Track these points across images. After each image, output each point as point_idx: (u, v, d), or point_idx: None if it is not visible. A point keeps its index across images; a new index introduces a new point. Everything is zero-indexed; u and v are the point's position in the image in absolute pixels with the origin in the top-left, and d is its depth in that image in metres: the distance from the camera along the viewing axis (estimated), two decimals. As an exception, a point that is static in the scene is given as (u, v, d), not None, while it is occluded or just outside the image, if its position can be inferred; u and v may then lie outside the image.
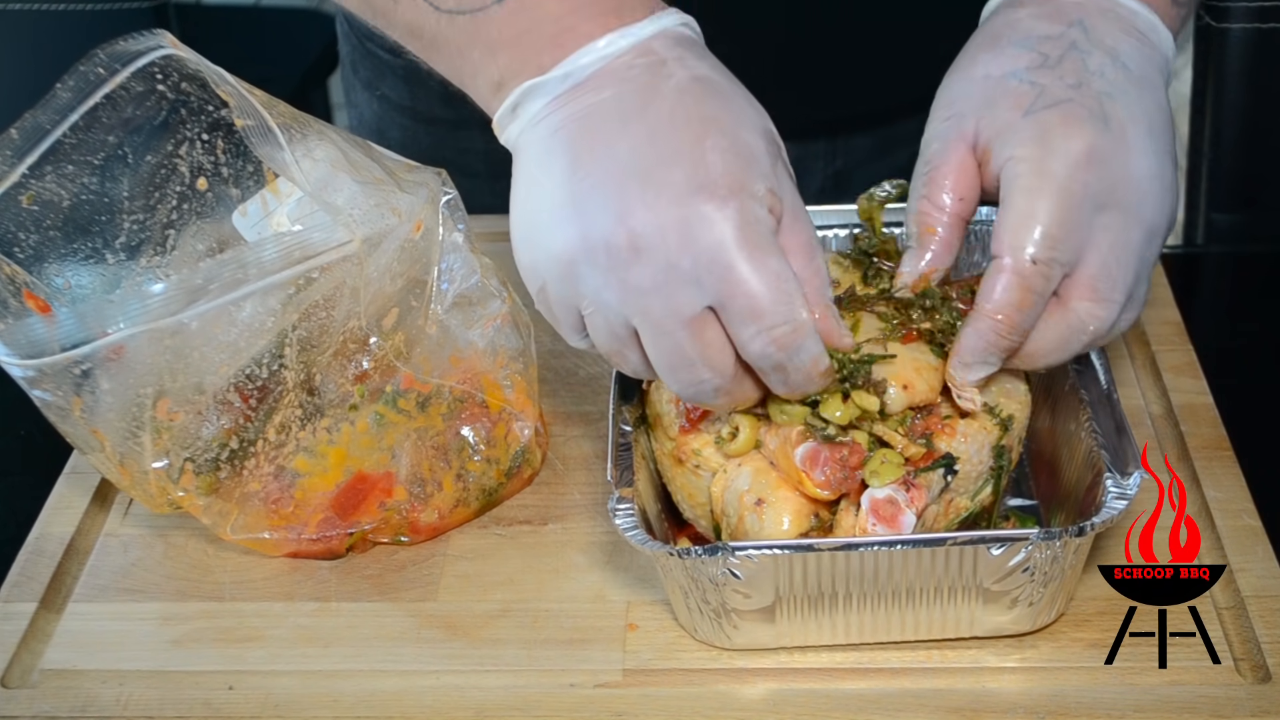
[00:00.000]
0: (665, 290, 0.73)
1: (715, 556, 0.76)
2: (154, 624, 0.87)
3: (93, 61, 0.81)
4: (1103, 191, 0.77)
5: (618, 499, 0.80)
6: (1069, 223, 0.76)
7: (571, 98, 0.75)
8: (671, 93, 0.74)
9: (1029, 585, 0.79)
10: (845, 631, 0.81)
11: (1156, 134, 0.79)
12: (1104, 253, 0.77)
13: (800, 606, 0.80)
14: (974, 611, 0.80)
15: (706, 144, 0.73)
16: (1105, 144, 0.77)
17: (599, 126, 0.74)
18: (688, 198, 0.72)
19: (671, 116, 0.74)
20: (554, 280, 0.76)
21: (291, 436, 0.87)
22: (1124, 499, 0.78)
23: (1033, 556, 0.77)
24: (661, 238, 0.72)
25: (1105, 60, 0.80)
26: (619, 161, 0.73)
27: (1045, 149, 0.77)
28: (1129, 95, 0.79)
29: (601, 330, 0.77)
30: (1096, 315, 0.78)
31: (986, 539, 0.76)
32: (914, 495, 0.78)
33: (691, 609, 0.81)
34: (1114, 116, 0.78)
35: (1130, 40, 0.81)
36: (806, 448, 0.79)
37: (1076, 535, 0.76)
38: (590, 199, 0.73)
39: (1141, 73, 0.81)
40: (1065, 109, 0.78)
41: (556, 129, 0.75)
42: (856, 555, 0.76)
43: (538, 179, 0.76)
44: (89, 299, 0.83)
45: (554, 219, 0.75)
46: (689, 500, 0.85)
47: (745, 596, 0.79)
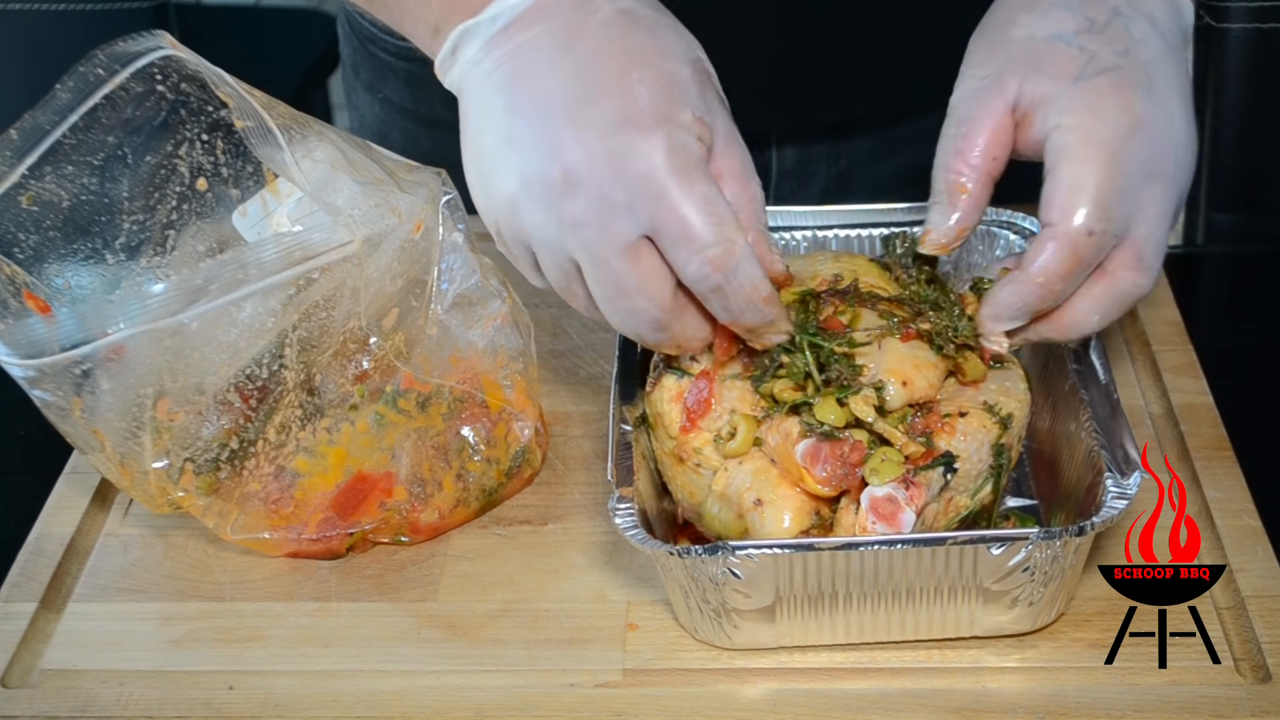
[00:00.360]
0: (599, 221, 0.75)
1: (715, 556, 0.76)
2: (154, 624, 0.87)
3: (92, 62, 0.81)
4: (1150, 161, 0.77)
5: (618, 498, 0.80)
6: (1121, 192, 0.77)
7: (504, 38, 0.77)
8: (597, 28, 0.76)
9: (1029, 585, 0.79)
10: (845, 631, 0.81)
11: (1188, 101, 0.80)
12: (1151, 222, 0.78)
13: (800, 606, 0.80)
14: (974, 611, 0.80)
15: (633, 76, 0.75)
16: (1152, 112, 0.78)
17: (528, 66, 0.76)
18: (616, 130, 0.74)
19: (597, 51, 0.75)
20: (503, 220, 0.78)
21: (291, 436, 0.87)
22: (1124, 499, 0.78)
23: (1033, 556, 0.77)
24: (592, 170, 0.74)
25: (1147, 28, 0.80)
26: (548, 98, 0.75)
27: (1097, 117, 0.77)
28: (1168, 63, 0.80)
29: (550, 266, 0.79)
30: (1140, 284, 0.79)
31: (986, 538, 0.76)
32: (914, 493, 0.78)
33: (691, 608, 0.81)
34: (1158, 85, 0.79)
35: (1165, 6, 0.82)
36: (807, 444, 0.79)
37: (1076, 535, 0.76)
38: (524, 137, 0.76)
39: (1174, 40, 0.82)
40: (1116, 76, 0.78)
41: (491, 71, 0.77)
42: (856, 555, 0.76)
43: (480, 121, 0.78)
44: (89, 299, 0.83)
45: (495, 160, 0.77)
46: (690, 499, 0.85)
47: (745, 596, 0.79)
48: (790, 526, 0.79)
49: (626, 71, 0.75)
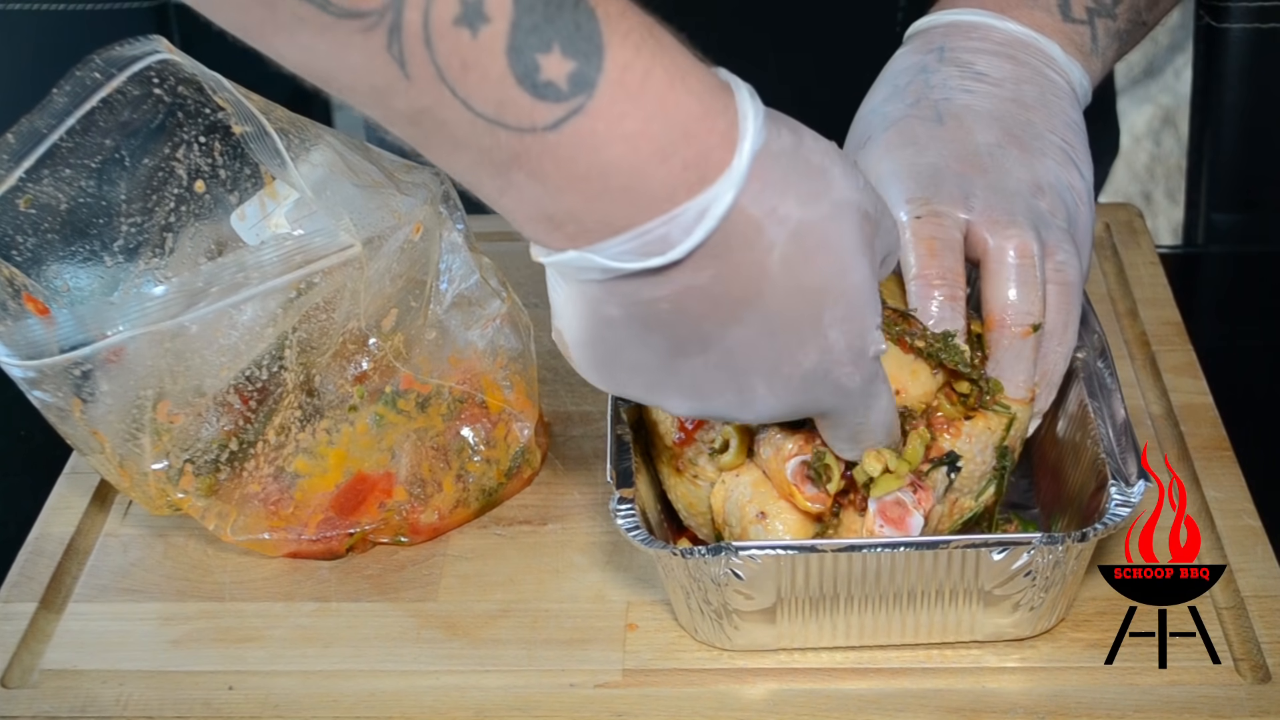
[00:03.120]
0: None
1: (718, 557, 0.76)
2: (154, 624, 0.87)
3: (88, 66, 0.81)
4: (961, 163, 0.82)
5: (618, 499, 0.80)
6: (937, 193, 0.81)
7: (663, 278, 0.64)
8: (779, 265, 0.65)
9: (1030, 589, 0.79)
10: (846, 634, 0.81)
11: (1010, 114, 0.83)
12: (986, 194, 0.81)
13: (801, 608, 0.79)
14: (975, 615, 0.80)
15: (822, 320, 0.68)
16: (940, 131, 0.82)
17: (704, 314, 0.66)
18: (816, 385, 0.70)
19: (784, 299, 0.66)
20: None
21: (291, 438, 0.87)
22: (1127, 506, 0.77)
23: (1035, 561, 0.77)
24: (789, 413, 0.73)
25: (952, 74, 0.85)
26: (736, 352, 0.67)
27: (892, 162, 0.83)
28: (975, 95, 0.84)
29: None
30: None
31: (989, 542, 0.76)
32: (921, 497, 0.78)
33: (692, 609, 0.81)
34: (950, 113, 0.83)
35: (995, 55, 0.86)
36: (799, 461, 0.78)
37: (1079, 540, 0.76)
38: (701, 385, 0.69)
39: (1004, 75, 0.85)
40: (897, 126, 0.84)
41: (644, 306, 0.65)
42: (859, 557, 0.76)
43: (620, 336, 0.67)
44: (88, 301, 0.83)
45: (649, 384, 0.70)
46: (689, 510, 0.85)
47: (747, 597, 0.79)
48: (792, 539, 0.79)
49: (818, 317, 0.67)
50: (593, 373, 0.71)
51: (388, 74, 0.60)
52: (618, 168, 0.61)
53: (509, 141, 0.61)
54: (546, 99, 0.59)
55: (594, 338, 0.68)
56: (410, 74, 0.59)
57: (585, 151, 0.61)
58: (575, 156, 0.61)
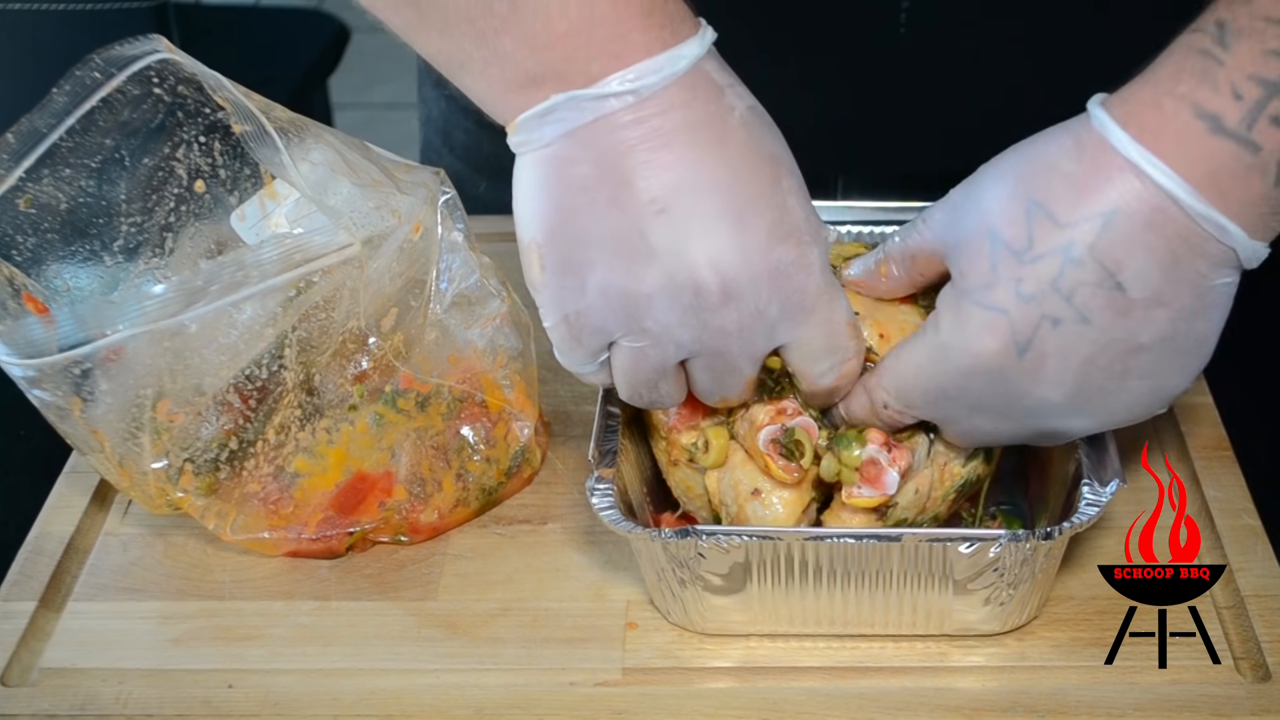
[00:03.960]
0: (748, 333, 0.73)
1: (686, 540, 0.77)
2: (154, 623, 0.87)
3: (88, 66, 0.81)
4: (984, 400, 0.75)
5: (596, 479, 0.80)
6: (935, 403, 0.77)
7: (634, 119, 0.69)
8: (739, 127, 0.71)
9: (999, 585, 0.79)
10: (816, 620, 0.82)
11: (1098, 368, 0.72)
12: (970, 432, 0.78)
13: (771, 592, 0.80)
14: (943, 608, 0.81)
15: (783, 185, 0.72)
16: (1009, 367, 0.73)
17: (675, 159, 0.70)
18: (778, 244, 0.71)
19: (746, 154, 0.71)
20: (602, 310, 0.73)
21: (291, 437, 0.87)
22: (1096, 505, 0.77)
23: (1003, 557, 0.77)
24: (754, 285, 0.72)
25: (1089, 277, 0.70)
26: (704, 200, 0.70)
27: (954, 335, 0.74)
28: (1088, 325, 0.71)
29: (648, 361, 0.75)
30: (953, 458, 0.82)
31: (954, 537, 0.76)
32: (896, 455, 0.79)
33: (664, 591, 0.82)
34: (1039, 347, 0.72)
35: (1155, 255, 0.69)
36: (770, 430, 0.79)
37: (1044, 539, 0.76)
38: (673, 236, 0.70)
39: (1146, 294, 0.70)
40: (991, 319, 0.72)
41: (619, 151, 0.69)
42: (826, 544, 0.77)
43: (590, 200, 0.70)
44: (88, 301, 0.83)
45: (621, 250, 0.71)
46: (686, 493, 0.86)
47: (716, 580, 0.79)
48: (790, 510, 0.80)
49: (777, 180, 0.72)
50: (556, 263, 0.72)
51: None
52: (603, 23, 0.68)
53: (502, 9, 0.67)
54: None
55: (564, 209, 0.71)
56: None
57: (576, 8, 0.67)
58: (565, 15, 0.67)
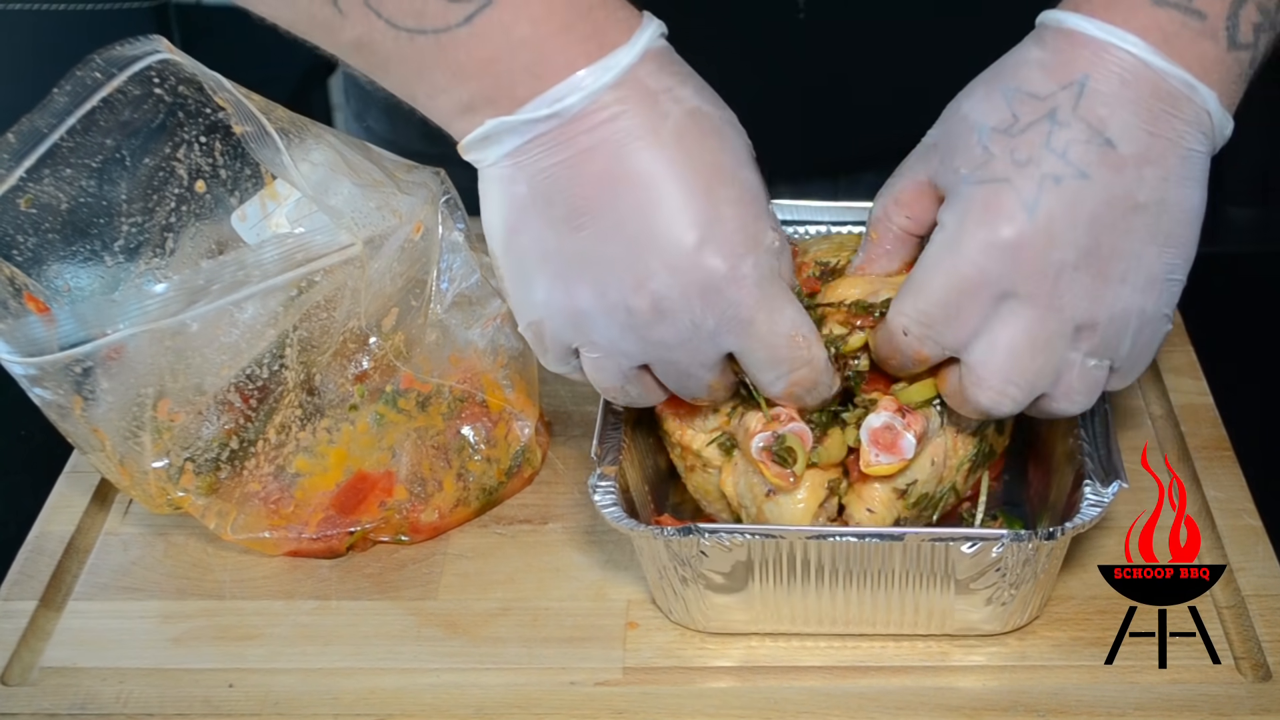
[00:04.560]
0: (690, 345, 0.74)
1: (689, 538, 0.77)
2: (154, 622, 0.87)
3: (89, 66, 0.81)
4: (1008, 280, 0.73)
5: (599, 476, 0.80)
6: (954, 305, 0.74)
7: (560, 139, 0.71)
8: (670, 136, 0.71)
9: (1000, 585, 0.79)
10: (818, 619, 0.82)
11: (1106, 224, 0.73)
12: (997, 344, 0.75)
13: (774, 590, 0.80)
14: (945, 608, 0.81)
15: (717, 194, 0.71)
16: (1023, 233, 0.72)
17: (599, 176, 0.71)
18: (706, 258, 0.71)
19: (674, 164, 0.71)
20: (554, 322, 0.75)
21: (291, 436, 0.87)
22: (1099, 506, 0.77)
23: (1004, 557, 0.77)
24: (685, 301, 0.72)
25: (1078, 135, 0.72)
26: (627, 218, 0.71)
27: (960, 227, 0.74)
28: (1088, 180, 0.72)
29: (607, 370, 0.77)
30: (982, 403, 0.77)
31: (956, 537, 0.76)
32: (910, 420, 0.79)
33: (666, 590, 0.82)
34: (1046, 205, 0.72)
35: (1136, 112, 0.72)
36: (763, 438, 0.79)
37: (1047, 539, 0.76)
38: (599, 258, 0.72)
39: (1135, 151, 0.72)
40: (994, 189, 0.73)
41: (546, 172, 0.71)
42: (828, 542, 0.77)
43: (528, 219, 0.73)
44: (90, 299, 0.83)
45: (556, 269, 0.73)
46: (705, 496, 0.86)
47: (718, 578, 0.79)
48: (807, 508, 0.80)
49: (710, 189, 0.71)
50: (511, 276, 0.75)
51: (325, 12, 0.72)
52: (524, 45, 0.70)
53: (428, 46, 0.70)
54: (459, 0, 0.69)
55: (510, 227, 0.74)
56: (342, 8, 0.71)
57: (495, 36, 0.70)
58: (485, 43, 0.70)
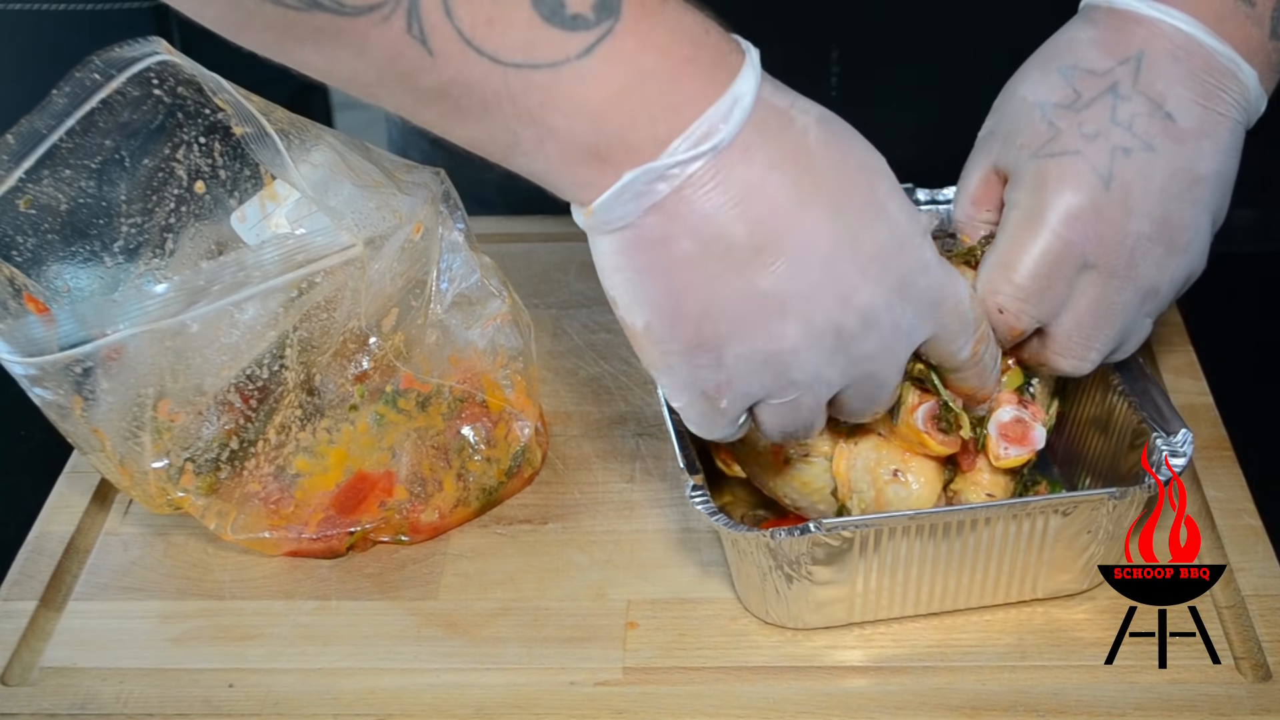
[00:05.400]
0: (891, 349, 0.72)
1: (805, 536, 0.77)
2: (154, 622, 0.87)
3: (88, 68, 0.82)
4: (1090, 250, 0.76)
5: (692, 487, 0.80)
6: (1046, 278, 0.76)
7: (717, 177, 0.65)
8: (818, 147, 0.68)
9: (1093, 544, 0.81)
10: (916, 601, 0.83)
11: (1174, 195, 0.76)
12: (1081, 312, 0.77)
13: (878, 578, 0.81)
14: (1039, 571, 0.82)
15: (880, 191, 0.70)
16: (1101, 203, 0.75)
17: (772, 204, 0.66)
18: (896, 256, 0.69)
19: (837, 174, 0.68)
20: (746, 377, 0.70)
21: (291, 437, 0.88)
22: (1182, 455, 0.80)
23: (1098, 516, 0.79)
24: (888, 304, 0.70)
25: (1141, 108, 0.76)
26: (815, 238, 0.67)
27: (1038, 199, 0.76)
28: (1154, 152, 0.76)
29: (799, 411, 0.73)
30: (1065, 369, 0.80)
31: (1062, 501, 0.78)
32: (1034, 410, 0.81)
33: (768, 592, 0.81)
34: (1120, 175, 0.75)
35: (1190, 86, 0.76)
36: (926, 408, 0.80)
37: (1147, 491, 0.79)
38: (800, 288, 0.68)
39: (1192, 125, 0.76)
40: (1067, 161, 0.76)
41: (713, 216, 0.66)
42: (941, 521, 0.78)
43: (705, 271, 0.67)
44: (90, 300, 0.83)
45: (751, 314, 0.68)
46: (803, 489, 0.85)
47: (825, 573, 0.79)
48: (930, 489, 0.81)
49: (872, 189, 0.69)
50: (687, 348, 0.69)
51: (411, 55, 0.62)
52: (654, 77, 0.63)
53: (543, 80, 0.63)
54: (577, 29, 0.62)
55: (676, 294, 0.68)
56: (434, 48, 0.62)
57: (621, 67, 0.63)
58: (611, 75, 0.63)
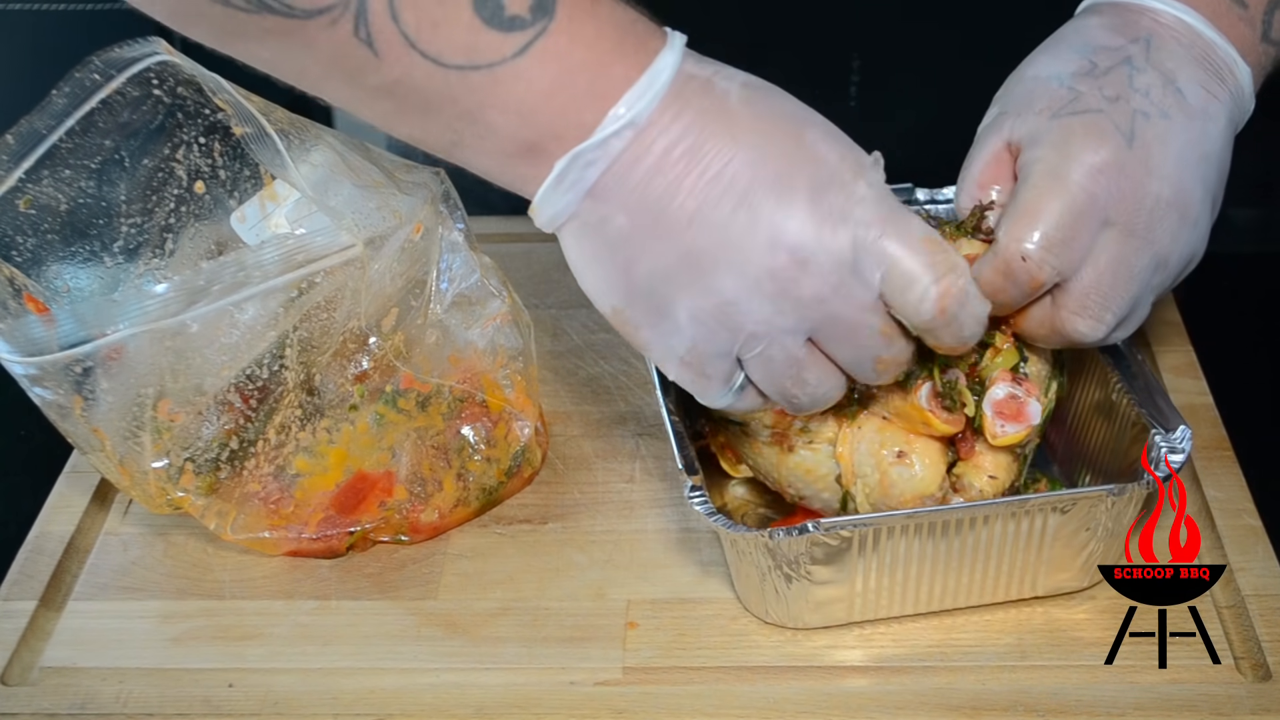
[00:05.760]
0: (842, 290, 0.71)
1: (802, 536, 0.77)
2: (154, 622, 0.87)
3: (88, 68, 0.82)
4: (1112, 206, 0.76)
5: (690, 487, 0.80)
6: (1070, 228, 0.76)
7: (641, 150, 0.69)
8: (740, 105, 0.70)
9: (1092, 541, 0.81)
10: (916, 600, 0.83)
11: (1188, 165, 0.78)
12: (1101, 269, 0.77)
13: (877, 577, 0.81)
14: (1039, 568, 0.82)
15: (806, 138, 0.71)
16: (1125, 159, 0.76)
17: (693, 165, 0.69)
18: (824, 194, 0.70)
19: (758, 127, 0.70)
20: (706, 336, 0.72)
21: (291, 437, 0.88)
22: (1180, 452, 0.80)
23: (1097, 513, 0.79)
24: (819, 241, 0.70)
25: (1155, 80, 0.78)
26: (738, 188, 0.69)
27: (1062, 153, 0.77)
28: (1170, 120, 0.77)
29: (777, 363, 0.73)
30: (1080, 330, 0.79)
31: (1061, 499, 0.78)
32: (1029, 387, 0.81)
33: (767, 592, 0.82)
34: (1142, 136, 0.77)
35: (1196, 70, 0.79)
36: (929, 387, 0.80)
37: (1146, 488, 0.79)
38: (728, 240, 0.69)
39: (1199, 105, 0.78)
40: (1091, 118, 0.77)
41: (641, 189, 0.69)
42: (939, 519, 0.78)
43: (641, 245, 0.70)
44: (90, 300, 0.83)
45: (688, 274, 0.70)
46: (807, 476, 0.85)
47: (824, 572, 0.80)
48: (934, 471, 0.81)
49: (798, 136, 0.70)
50: (648, 316, 0.72)
51: (357, 56, 0.66)
52: (583, 69, 0.68)
53: (481, 82, 0.67)
54: (514, 30, 0.66)
55: (625, 265, 0.71)
56: (379, 50, 0.66)
57: (553, 64, 0.67)
58: (544, 72, 0.67)
